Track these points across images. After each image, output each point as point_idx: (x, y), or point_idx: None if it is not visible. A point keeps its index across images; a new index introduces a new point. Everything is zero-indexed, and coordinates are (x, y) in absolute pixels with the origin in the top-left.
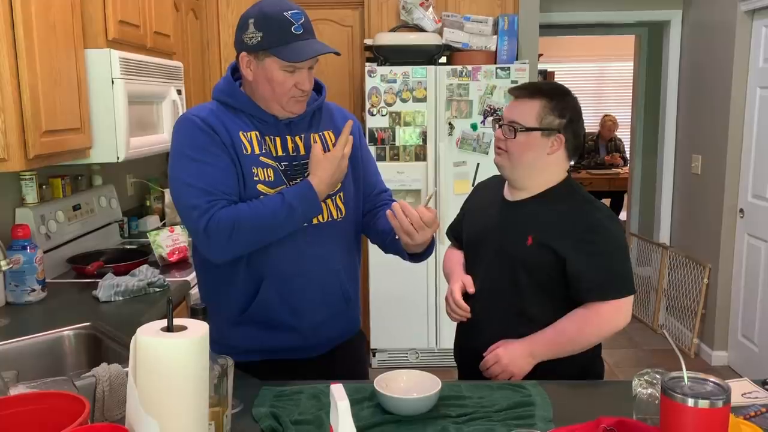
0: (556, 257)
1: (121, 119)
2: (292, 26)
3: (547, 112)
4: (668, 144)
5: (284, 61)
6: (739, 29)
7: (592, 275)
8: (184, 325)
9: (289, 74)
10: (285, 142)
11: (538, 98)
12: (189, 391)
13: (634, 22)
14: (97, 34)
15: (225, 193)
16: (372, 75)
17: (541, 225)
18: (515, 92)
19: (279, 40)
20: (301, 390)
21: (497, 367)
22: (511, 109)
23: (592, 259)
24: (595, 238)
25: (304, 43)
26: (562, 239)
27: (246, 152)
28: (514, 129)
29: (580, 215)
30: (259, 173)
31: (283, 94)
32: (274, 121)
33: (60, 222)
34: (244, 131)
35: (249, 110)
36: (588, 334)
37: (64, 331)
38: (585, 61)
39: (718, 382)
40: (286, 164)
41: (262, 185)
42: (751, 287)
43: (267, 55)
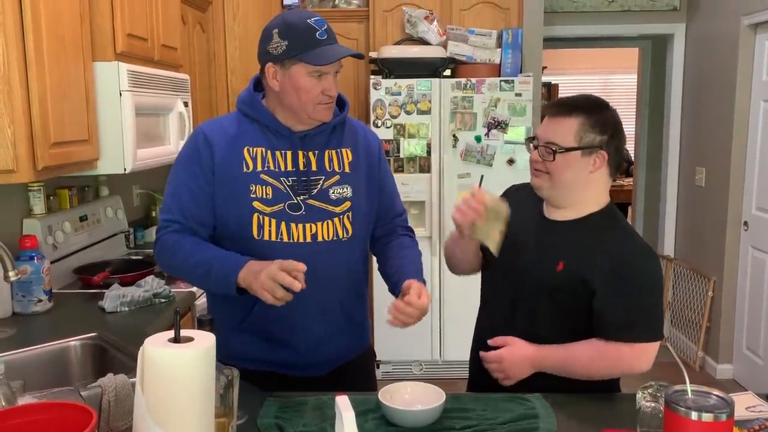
0: (584, 288)
1: (128, 131)
2: (316, 32)
3: (587, 130)
4: (672, 156)
5: (311, 66)
6: (742, 43)
7: (620, 314)
8: (191, 336)
9: (315, 80)
10: (296, 157)
11: (576, 115)
12: (195, 402)
13: (637, 36)
14: (105, 47)
15: (183, 217)
16: (377, 87)
17: (575, 252)
18: (550, 111)
19: (305, 46)
20: (306, 401)
21: (496, 366)
22: (546, 129)
23: (622, 296)
24: (629, 274)
25: (329, 47)
26: (595, 270)
27: (247, 170)
28: (553, 151)
29: (619, 247)
30: (257, 190)
31: (310, 101)
32: (289, 134)
33: (67, 233)
34: (251, 146)
35: (266, 122)
36: (601, 369)
37: (70, 342)
38: (589, 73)
39: (721, 396)
40: (294, 179)
41: (258, 202)
42: (756, 300)
43: (293, 63)
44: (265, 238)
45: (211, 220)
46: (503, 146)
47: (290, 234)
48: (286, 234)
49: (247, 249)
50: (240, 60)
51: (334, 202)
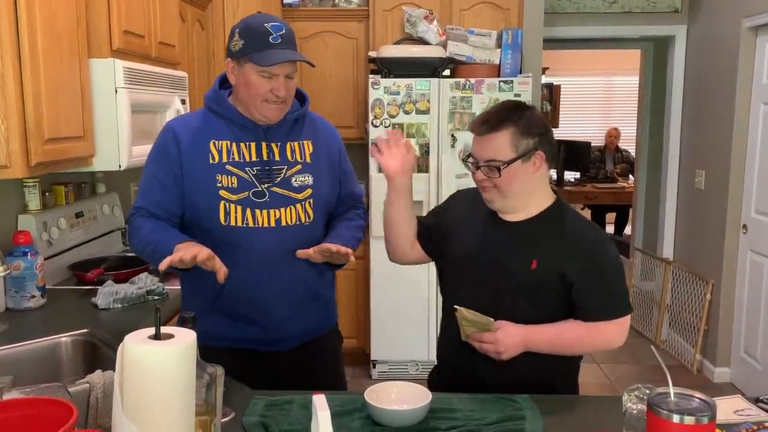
0: (563, 282)
1: (123, 128)
2: (269, 36)
3: (519, 138)
4: (672, 159)
5: (258, 66)
6: (743, 45)
7: (599, 297)
8: (172, 333)
9: (265, 79)
10: (260, 148)
11: (504, 128)
12: (174, 399)
13: (639, 37)
14: (101, 43)
15: (150, 204)
16: (375, 87)
17: (545, 248)
18: (478, 130)
19: (256, 47)
20: (292, 400)
21: (491, 347)
22: (482, 148)
23: (597, 280)
24: (598, 259)
25: (278, 51)
26: (566, 263)
27: (213, 161)
28: (497, 168)
29: (582, 236)
30: (222, 180)
31: (258, 98)
32: (253, 127)
33: (62, 229)
34: (216, 140)
35: (231, 116)
36: (586, 346)
37: (61, 338)
38: (591, 74)
39: (704, 399)
40: (258, 169)
41: (224, 191)
42: (754, 303)
43: (246, 61)
44: (231, 223)
45: (178, 209)
46: None
47: (255, 219)
48: (251, 219)
49: (216, 234)
50: None
51: (296, 189)
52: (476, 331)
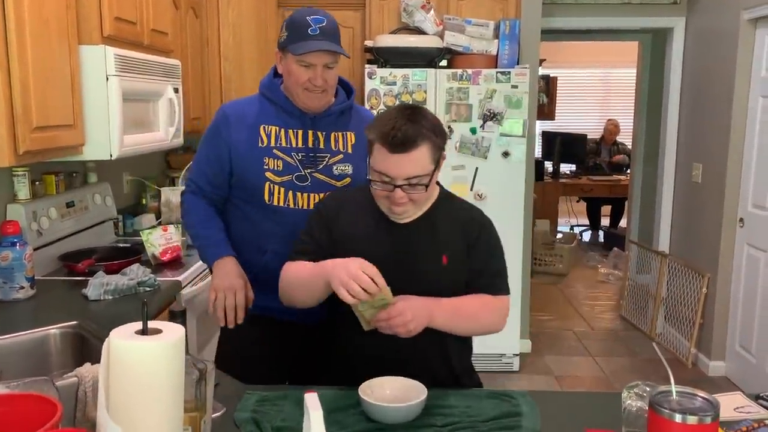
0: (468, 267)
1: (114, 117)
2: (309, 28)
3: (436, 148)
4: (669, 152)
5: (294, 55)
6: (742, 37)
7: (489, 273)
8: (160, 328)
9: (304, 69)
10: (306, 136)
11: (423, 142)
12: (161, 396)
13: (637, 29)
14: (92, 30)
15: (201, 180)
16: (372, 77)
17: (449, 242)
18: (397, 149)
19: (296, 38)
20: (285, 395)
21: (398, 319)
22: (400, 166)
23: (487, 257)
24: (488, 239)
25: (314, 42)
26: (468, 247)
27: (262, 144)
28: (423, 184)
29: (473, 218)
30: (269, 163)
31: (298, 86)
32: (300, 115)
33: (53, 219)
34: (266, 124)
35: (281, 103)
36: (485, 316)
37: (50, 330)
38: (589, 66)
39: (706, 397)
40: (303, 155)
41: (270, 173)
42: (750, 298)
43: (287, 51)
44: (275, 203)
45: (225, 184)
46: (498, 138)
47: (296, 201)
48: (292, 200)
49: (260, 211)
50: (234, 46)
51: (336, 177)
52: (369, 309)
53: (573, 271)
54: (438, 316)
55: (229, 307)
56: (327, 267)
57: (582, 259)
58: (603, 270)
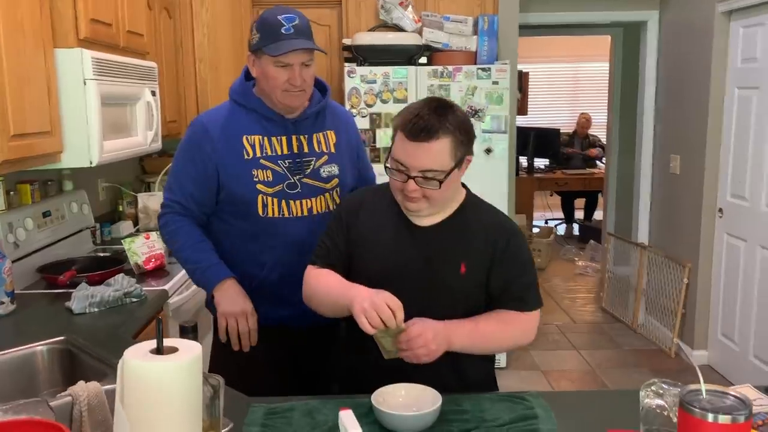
0: (488, 278)
1: (94, 122)
2: (282, 27)
3: (458, 145)
4: (646, 144)
5: (271, 56)
6: (716, 30)
7: (516, 288)
8: (175, 346)
9: (281, 70)
10: (290, 141)
11: (445, 134)
12: (182, 418)
13: (610, 23)
14: (67, 32)
15: (183, 198)
16: (351, 75)
17: (470, 250)
18: (417, 136)
19: (270, 39)
20: (293, 407)
21: (421, 345)
22: (418, 156)
23: (514, 271)
24: (516, 251)
25: (290, 41)
26: (491, 255)
27: (247, 157)
28: (437, 180)
29: (500, 228)
30: (258, 174)
31: (277, 88)
32: (282, 121)
33: (29, 230)
34: (249, 134)
35: (259, 110)
36: (503, 338)
37: (36, 347)
38: (560, 61)
39: (738, 396)
40: (290, 162)
41: (261, 185)
42: (731, 286)
43: (262, 53)
44: (269, 215)
45: (210, 203)
46: (480, 135)
47: (290, 210)
48: (286, 210)
49: (253, 224)
50: (209, 48)
51: (324, 179)
52: (387, 336)
53: (551, 264)
54: (456, 340)
55: (243, 333)
56: (351, 292)
57: (559, 252)
58: (580, 263)
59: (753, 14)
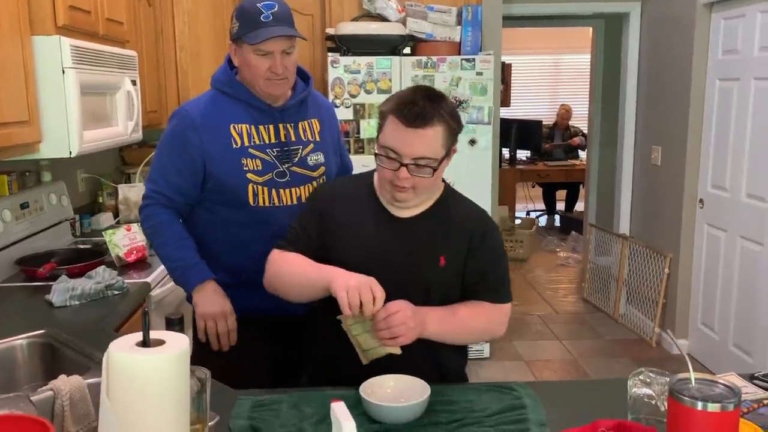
0: (464, 270)
1: (73, 111)
2: (261, 15)
3: (450, 133)
4: (628, 135)
5: (251, 45)
6: (698, 22)
7: (491, 277)
8: (162, 338)
9: (262, 58)
10: (277, 130)
11: (439, 122)
12: (170, 412)
13: (592, 14)
14: (45, 19)
15: (168, 188)
16: (335, 65)
17: (449, 242)
18: (413, 122)
19: (249, 27)
20: (281, 399)
21: (399, 316)
22: (411, 143)
23: (490, 261)
24: (491, 243)
25: (269, 29)
26: (470, 249)
27: (236, 145)
28: (432, 168)
29: (478, 220)
30: (248, 163)
31: (259, 77)
32: (269, 110)
33: (6, 221)
34: (236, 123)
35: (245, 98)
36: (476, 328)
37: (15, 341)
38: (541, 53)
39: (726, 384)
40: (278, 150)
41: (251, 174)
42: (711, 276)
43: (242, 42)
44: (259, 204)
45: (195, 193)
46: (465, 126)
47: (280, 198)
48: (276, 199)
49: (244, 214)
50: (189, 36)
51: (311, 167)
52: (363, 332)
53: (533, 256)
54: (431, 324)
55: (222, 333)
56: (332, 272)
57: (540, 243)
58: (562, 254)
59: (734, 6)
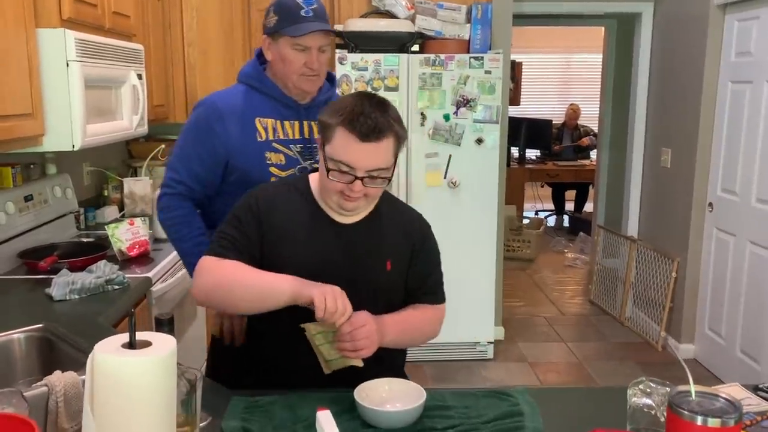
0: (407, 274)
1: (77, 105)
2: (301, 10)
3: (399, 142)
4: (638, 137)
5: (291, 38)
6: (711, 23)
7: (431, 281)
8: (149, 340)
9: (299, 53)
10: (302, 127)
11: (390, 133)
12: (155, 415)
13: (604, 14)
14: (50, 12)
15: (190, 180)
16: (343, 62)
17: (394, 246)
18: (367, 136)
19: (289, 21)
20: (274, 401)
21: (364, 330)
22: (367, 156)
23: (430, 265)
24: (430, 246)
25: (310, 24)
26: (412, 252)
27: (260, 138)
28: (387, 178)
29: (416, 223)
30: (271, 157)
31: (293, 72)
32: (295, 106)
33: (10, 213)
34: (261, 117)
35: (273, 94)
36: (428, 330)
37: (13, 334)
38: (552, 52)
39: (728, 398)
40: (302, 146)
41: (274, 168)
42: (719, 281)
43: (280, 36)
44: None
45: (215, 184)
46: (472, 125)
47: None
48: None
49: None
50: (198, 31)
51: None
52: (326, 343)
53: (540, 256)
54: (388, 334)
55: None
56: (293, 278)
57: (548, 243)
58: (570, 255)
59: (748, 8)
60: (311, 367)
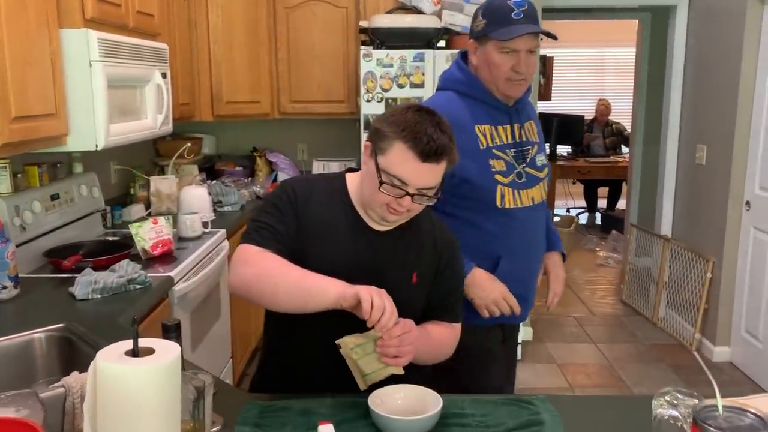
0: (431, 289)
1: (100, 104)
2: (512, 12)
3: (452, 162)
4: (672, 133)
5: (500, 42)
6: (749, 16)
7: (452, 298)
8: (152, 347)
9: (507, 56)
10: (513, 130)
11: (449, 156)
12: (157, 424)
13: (637, 7)
14: (73, 12)
15: None
16: (367, 59)
17: (421, 260)
18: (431, 158)
19: (498, 24)
20: (290, 405)
21: (411, 336)
22: (427, 176)
23: (453, 282)
24: (455, 264)
25: (521, 26)
26: (438, 267)
27: (482, 146)
28: (434, 197)
29: (445, 238)
30: (495, 165)
31: (500, 77)
32: (505, 109)
33: (36, 212)
34: (479, 124)
35: (485, 98)
36: (441, 345)
37: (35, 334)
38: (584, 46)
39: (758, 414)
40: (514, 151)
41: (498, 175)
42: (756, 282)
43: (488, 40)
44: (506, 206)
45: None
46: None
47: (520, 200)
48: (519, 200)
49: (490, 215)
50: (223, 29)
51: (539, 168)
52: (365, 356)
53: (571, 254)
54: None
55: None
56: (338, 284)
57: (580, 242)
58: (602, 253)
59: None
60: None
